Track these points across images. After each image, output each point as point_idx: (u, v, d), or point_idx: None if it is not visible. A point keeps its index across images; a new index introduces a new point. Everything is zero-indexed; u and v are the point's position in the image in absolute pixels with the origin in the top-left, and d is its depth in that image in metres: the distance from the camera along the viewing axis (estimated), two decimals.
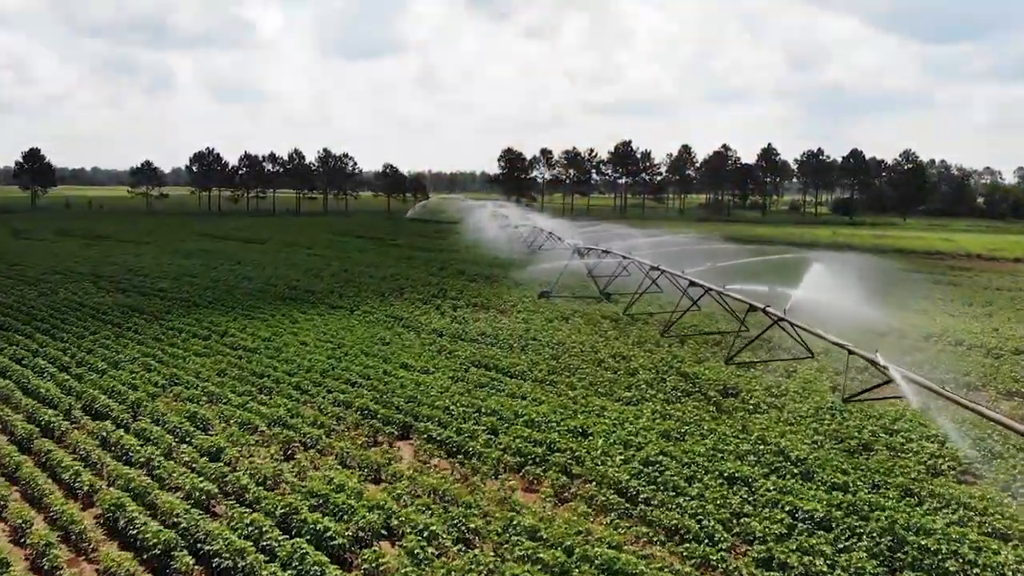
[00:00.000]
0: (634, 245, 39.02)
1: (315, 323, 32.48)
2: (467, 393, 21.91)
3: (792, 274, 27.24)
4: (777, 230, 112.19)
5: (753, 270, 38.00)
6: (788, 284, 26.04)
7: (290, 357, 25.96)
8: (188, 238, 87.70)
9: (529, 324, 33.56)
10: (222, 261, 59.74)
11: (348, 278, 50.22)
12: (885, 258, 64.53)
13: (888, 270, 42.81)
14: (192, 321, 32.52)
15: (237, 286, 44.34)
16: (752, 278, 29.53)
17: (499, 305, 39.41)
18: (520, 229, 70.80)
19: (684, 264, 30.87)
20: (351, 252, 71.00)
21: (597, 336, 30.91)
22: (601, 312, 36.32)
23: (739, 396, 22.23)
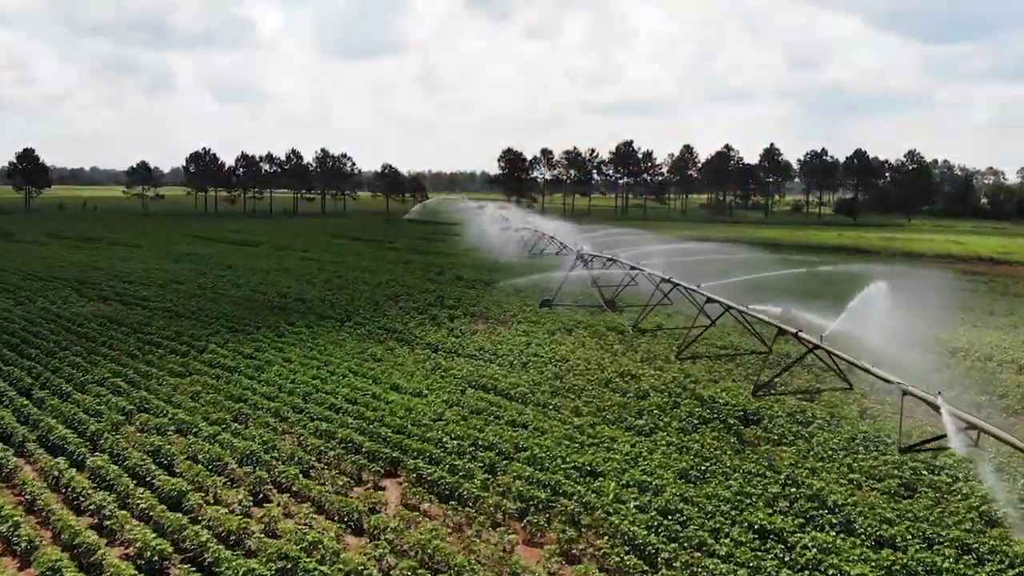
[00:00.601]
0: (645, 253, 36.85)
1: (302, 336, 30.49)
2: (463, 420, 19.95)
3: (824, 291, 25.39)
4: (782, 232, 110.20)
5: (782, 285, 35.90)
6: (820, 302, 24.11)
7: (271, 378, 23.98)
8: (181, 241, 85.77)
9: (530, 337, 31.61)
10: (212, 266, 57.78)
11: (342, 284, 48.30)
12: (915, 267, 62.16)
13: (929, 283, 40.51)
14: (171, 334, 30.55)
15: (224, 294, 42.38)
16: (782, 296, 27.54)
17: (498, 315, 37.46)
18: (521, 232, 68.75)
19: (705, 276, 28.71)
20: (347, 256, 69.04)
21: (603, 351, 28.94)
22: (606, 323, 34.36)
23: (761, 424, 20.26)
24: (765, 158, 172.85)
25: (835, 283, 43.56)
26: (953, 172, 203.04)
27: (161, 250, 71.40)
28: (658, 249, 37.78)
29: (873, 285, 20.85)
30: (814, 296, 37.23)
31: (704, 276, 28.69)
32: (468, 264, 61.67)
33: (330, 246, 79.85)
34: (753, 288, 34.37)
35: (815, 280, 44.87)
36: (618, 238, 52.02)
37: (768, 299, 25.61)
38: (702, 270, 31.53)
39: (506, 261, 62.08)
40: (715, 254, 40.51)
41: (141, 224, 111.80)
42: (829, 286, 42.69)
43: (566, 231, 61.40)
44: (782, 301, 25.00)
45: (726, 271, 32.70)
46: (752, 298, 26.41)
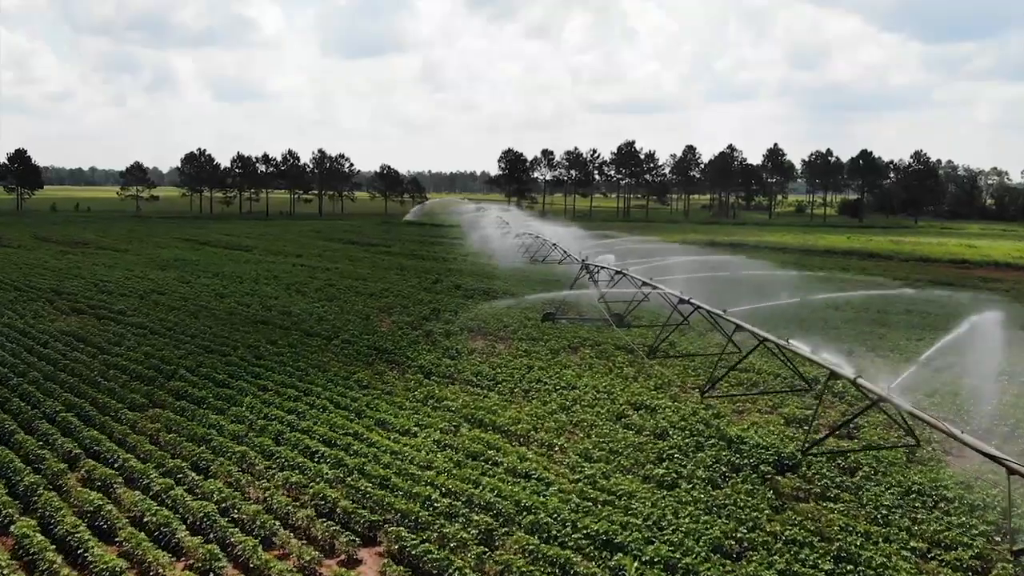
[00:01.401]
0: (661, 267, 33.93)
1: (283, 359, 27.85)
2: (456, 467, 17.34)
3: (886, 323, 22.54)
4: (789, 236, 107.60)
5: (821, 314, 32.87)
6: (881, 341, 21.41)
7: (242, 412, 21.33)
8: (170, 244, 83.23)
9: (531, 357, 29.01)
10: (199, 273, 55.19)
11: (333, 294, 45.72)
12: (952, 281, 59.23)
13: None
14: (141, 356, 27.93)
15: (206, 307, 39.79)
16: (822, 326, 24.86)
17: (498, 330, 34.89)
18: (522, 238, 66.07)
19: (727, 295, 25.91)
20: (341, 261, 66.45)
21: (613, 376, 26.34)
22: (614, 341, 31.73)
23: (798, 471, 17.66)
24: (769, 158, 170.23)
25: (889, 311, 39.92)
26: (956, 172, 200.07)
27: (148, 255, 68.83)
28: (674, 261, 34.98)
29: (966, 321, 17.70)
30: (869, 329, 34.63)
31: (727, 295, 25.99)
32: (467, 271, 59.10)
33: (324, 251, 77.24)
34: (791, 317, 31.54)
35: (856, 308, 41.29)
36: (627, 246, 49.19)
37: (810, 329, 23.00)
38: (723, 286, 28.77)
39: (507, 269, 59.54)
40: (738, 269, 37.60)
41: (133, 227, 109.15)
42: (881, 315, 39.53)
43: (570, 237, 58.59)
44: (820, 331, 22.32)
45: (760, 288, 29.82)
46: (791, 328, 23.79)
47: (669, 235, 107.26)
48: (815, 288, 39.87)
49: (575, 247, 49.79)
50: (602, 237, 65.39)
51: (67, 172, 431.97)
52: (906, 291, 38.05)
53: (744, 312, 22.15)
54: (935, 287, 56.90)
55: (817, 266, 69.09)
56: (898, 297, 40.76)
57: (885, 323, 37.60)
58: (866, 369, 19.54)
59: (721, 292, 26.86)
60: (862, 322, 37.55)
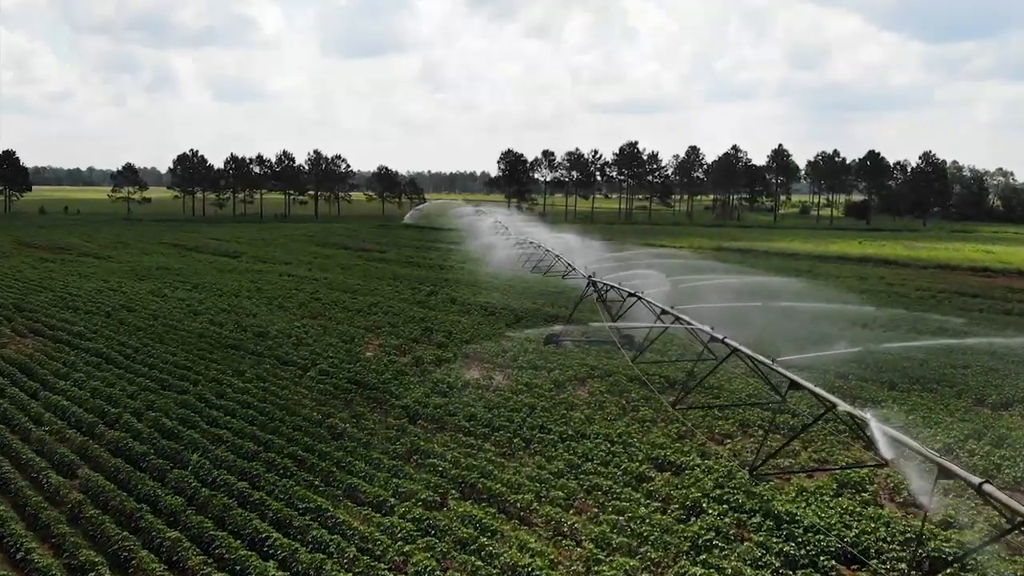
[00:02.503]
0: (686, 291, 29.88)
1: (248, 396, 24.27)
2: (438, 565, 13.77)
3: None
4: (798, 241, 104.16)
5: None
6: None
7: (185, 477, 17.74)
8: (156, 250, 79.64)
9: (533, 392, 25.47)
10: (178, 285, 51.64)
11: (317, 310, 42.19)
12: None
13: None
14: (85, 394, 24.35)
15: (176, 327, 36.23)
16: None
17: (496, 355, 31.36)
18: (524, 248, 62.29)
19: (776, 332, 22.09)
20: (332, 270, 62.88)
21: (628, 418, 22.78)
22: (626, 370, 28.15)
23: (868, 566, 14.10)
24: (774, 159, 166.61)
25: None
26: (962, 173, 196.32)
27: (130, 263, 65.25)
28: (700, 285, 31.18)
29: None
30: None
31: (770, 330, 22.36)
32: (464, 281, 55.53)
33: (315, 258, 73.68)
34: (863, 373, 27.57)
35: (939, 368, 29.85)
36: (639, 259, 45.26)
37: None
38: (765, 318, 24.91)
39: (506, 278, 56.00)
40: (777, 293, 33.36)
41: (121, 231, 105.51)
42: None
43: (574, 246, 54.68)
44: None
45: (808, 324, 25.78)
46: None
47: (675, 239, 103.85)
48: (870, 322, 35.26)
49: (584, 258, 45.95)
50: (616, 248, 61.21)
51: (65, 172, 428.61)
52: (983, 341, 31.43)
53: (799, 363, 18.39)
54: (962, 298, 53.51)
55: (834, 275, 65.62)
56: (978, 348, 32.84)
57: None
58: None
59: (760, 324, 23.22)
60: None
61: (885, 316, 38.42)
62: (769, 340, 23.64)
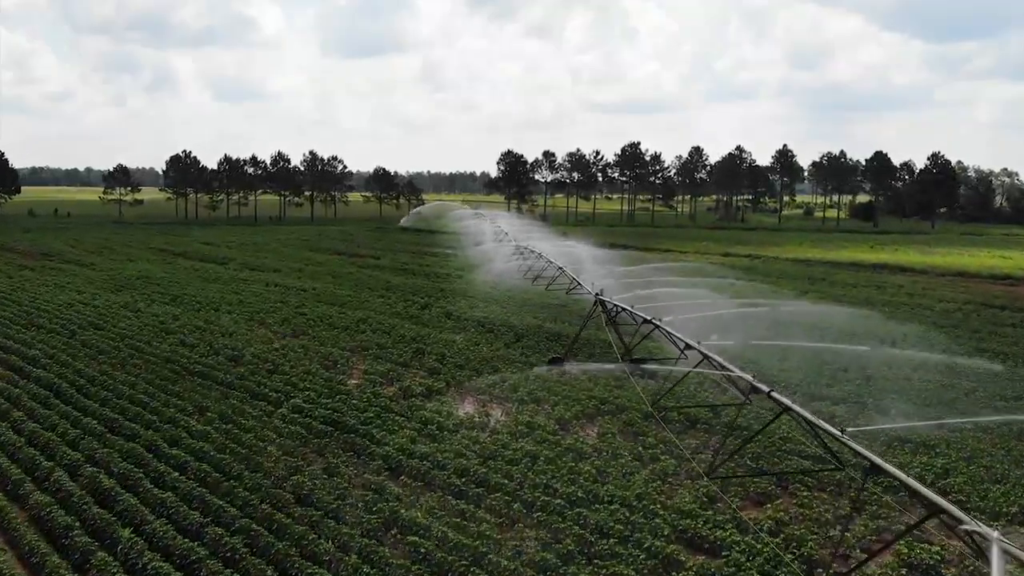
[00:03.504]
0: (728, 322, 26.09)
1: (205, 443, 20.96)
2: None
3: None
4: (807, 246, 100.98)
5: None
6: None
7: (105, 565, 14.43)
8: (142, 256, 76.43)
9: (535, 433, 22.25)
10: (156, 297, 48.39)
11: (301, 326, 38.96)
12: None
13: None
14: (15, 442, 21.05)
15: (143, 349, 32.96)
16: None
17: (493, 385, 28.14)
18: (523, 254, 58.89)
19: (833, 382, 18.37)
20: (321, 279, 59.64)
21: (647, 471, 19.51)
22: (640, 405, 24.87)
23: None
24: (778, 160, 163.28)
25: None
26: (967, 174, 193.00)
27: (111, 271, 62.00)
28: (748, 313, 27.74)
29: None
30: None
31: (823, 379, 19.01)
32: (460, 292, 52.27)
33: (306, 264, 70.41)
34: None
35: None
36: (651, 274, 41.55)
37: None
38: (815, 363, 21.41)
39: (506, 289, 52.75)
40: (825, 332, 29.52)
41: (110, 235, 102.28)
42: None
43: (579, 255, 51.01)
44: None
45: (877, 378, 21.88)
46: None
47: (680, 243, 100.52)
48: (937, 382, 29.98)
49: (590, 270, 42.47)
50: (630, 260, 56.86)
51: (63, 173, 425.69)
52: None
53: (875, 434, 14.99)
54: (989, 310, 50.24)
55: (851, 283, 62.32)
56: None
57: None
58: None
59: (806, 369, 19.87)
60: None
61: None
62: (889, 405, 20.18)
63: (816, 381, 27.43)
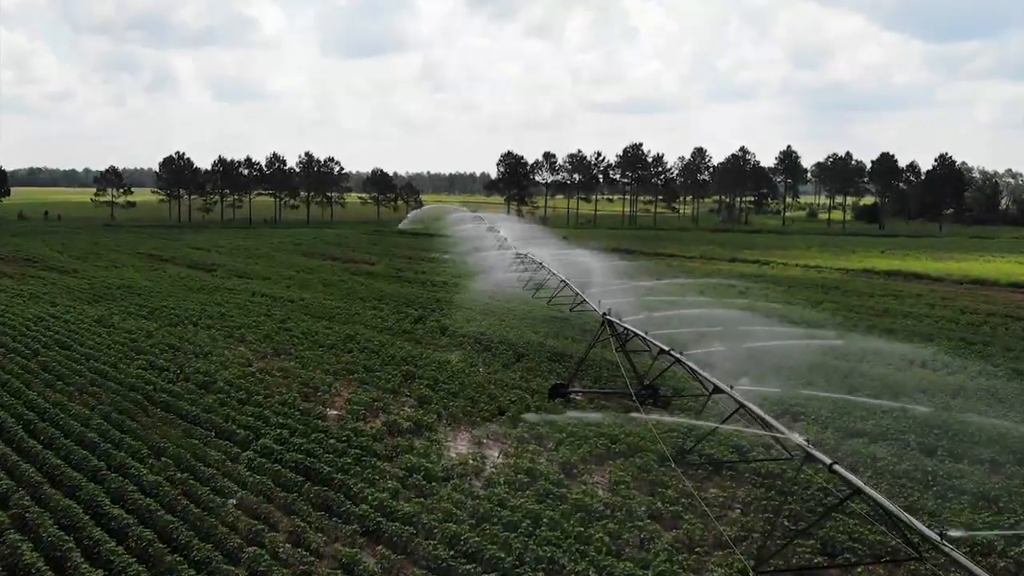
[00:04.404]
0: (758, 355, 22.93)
1: (153, 502, 18.03)
2: None
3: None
4: (815, 251, 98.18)
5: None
6: None
7: None
8: (128, 262, 73.59)
9: (537, 483, 19.39)
10: (133, 310, 45.49)
11: (282, 344, 36.08)
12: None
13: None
14: None
15: (108, 373, 30.02)
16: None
17: (490, 416, 25.30)
18: (524, 262, 55.73)
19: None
20: (311, 288, 56.79)
21: (670, 536, 16.65)
22: (655, 443, 21.99)
23: None
24: (782, 161, 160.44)
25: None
26: (971, 175, 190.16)
27: (93, 279, 59.15)
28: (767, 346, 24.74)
29: None
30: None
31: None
32: (457, 303, 49.35)
33: (298, 271, 67.59)
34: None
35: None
36: (665, 290, 38.40)
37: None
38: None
39: (505, 300, 49.84)
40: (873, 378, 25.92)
41: (98, 239, 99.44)
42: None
43: (583, 264, 47.63)
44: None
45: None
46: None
47: (684, 248, 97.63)
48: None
49: (597, 283, 39.40)
50: (644, 272, 52.84)
51: (61, 174, 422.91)
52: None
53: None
54: (1018, 323, 47.34)
55: (867, 292, 59.41)
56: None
57: None
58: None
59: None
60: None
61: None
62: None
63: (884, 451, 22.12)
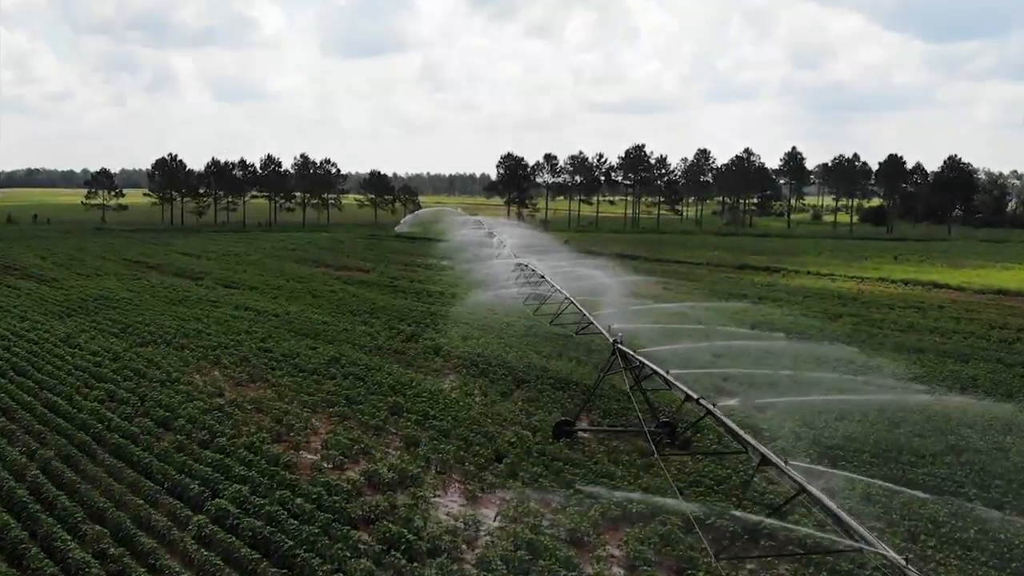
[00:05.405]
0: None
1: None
2: None
3: None
4: (826, 257, 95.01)
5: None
6: None
7: None
8: (113, 269, 70.50)
9: (539, 555, 16.25)
10: (106, 325, 42.32)
11: (259, 370, 32.83)
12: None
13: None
14: None
15: (59, 407, 26.82)
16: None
17: (487, 462, 22.15)
18: (525, 273, 52.09)
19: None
20: (300, 299, 53.63)
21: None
22: (675, 493, 18.78)
23: None
24: (787, 162, 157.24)
25: None
26: (976, 176, 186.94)
27: (72, 289, 56.01)
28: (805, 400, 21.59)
29: None
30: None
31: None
32: (453, 317, 46.14)
33: (288, 279, 64.37)
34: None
35: None
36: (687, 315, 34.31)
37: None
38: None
39: (505, 315, 46.57)
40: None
41: (85, 244, 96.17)
42: None
43: (611, 286, 43.37)
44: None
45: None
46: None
47: (690, 252, 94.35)
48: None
49: (606, 300, 35.90)
50: (641, 289, 48.66)
51: (59, 174, 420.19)
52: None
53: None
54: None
55: (886, 304, 56.16)
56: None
57: None
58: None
59: None
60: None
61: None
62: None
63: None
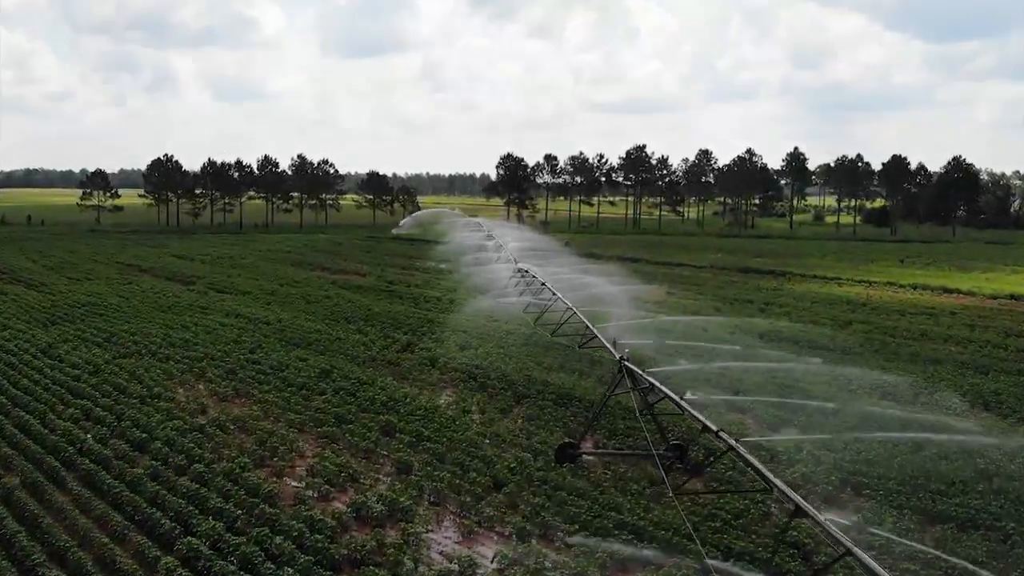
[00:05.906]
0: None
1: None
2: None
3: None
4: (832, 260, 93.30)
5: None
6: None
7: None
8: (103, 273, 68.84)
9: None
10: (90, 335, 40.71)
11: (245, 385, 31.21)
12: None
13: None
14: None
15: (29, 428, 25.24)
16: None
17: (485, 490, 20.56)
18: (526, 280, 50.28)
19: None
20: (294, 305, 51.97)
21: None
22: (689, 534, 17.19)
23: None
24: (789, 163, 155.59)
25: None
26: (979, 177, 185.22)
27: (59, 295, 54.31)
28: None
29: None
30: None
31: None
32: (450, 325, 44.51)
33: (281, 285, 62.61)
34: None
35: None
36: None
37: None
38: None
39: (505, 322, 44.87)
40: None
41: (78, 246, 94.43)
42: None
43: (600, 294, 41.76)
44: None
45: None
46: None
47: (692, 255, 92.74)
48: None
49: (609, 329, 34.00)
50: (646, 300, 46.62)
51: (58, 175, 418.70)
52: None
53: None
54: None
55: (897, 310, 54.55)
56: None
57: None
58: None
59: None
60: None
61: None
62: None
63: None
